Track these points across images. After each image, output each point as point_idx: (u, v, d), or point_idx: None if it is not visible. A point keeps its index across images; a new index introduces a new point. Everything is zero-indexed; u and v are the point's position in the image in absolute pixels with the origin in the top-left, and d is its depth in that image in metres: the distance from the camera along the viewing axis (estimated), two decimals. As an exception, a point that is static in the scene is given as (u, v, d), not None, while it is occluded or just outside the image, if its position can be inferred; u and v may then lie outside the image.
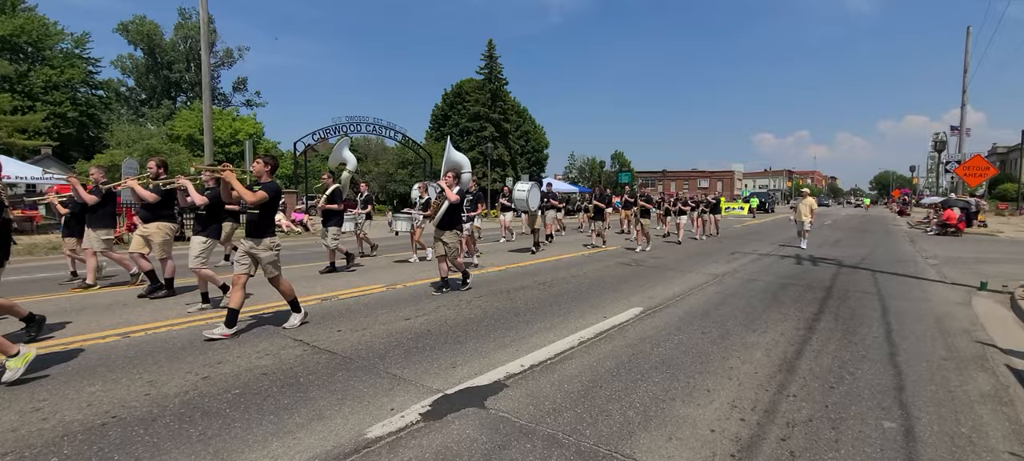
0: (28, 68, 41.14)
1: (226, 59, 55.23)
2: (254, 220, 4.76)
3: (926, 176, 69.87)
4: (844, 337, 4.93)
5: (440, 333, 4.84)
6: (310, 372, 3.72)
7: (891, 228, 23.75)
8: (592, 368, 3.93)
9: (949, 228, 19.32)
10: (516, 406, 3.20)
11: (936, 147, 44.11)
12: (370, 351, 4.24)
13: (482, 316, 5.56)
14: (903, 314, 5.96)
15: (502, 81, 45.67)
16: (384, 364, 3.93)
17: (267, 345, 4.34)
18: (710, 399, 3.38)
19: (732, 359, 4.22)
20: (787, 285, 7.76)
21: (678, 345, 4.57)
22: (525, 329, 5.03)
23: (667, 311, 5.93)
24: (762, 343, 4.69)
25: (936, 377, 3.88)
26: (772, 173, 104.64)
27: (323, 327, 4.99)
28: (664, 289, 7.29)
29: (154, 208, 6.43)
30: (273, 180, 4.90)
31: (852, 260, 10.92)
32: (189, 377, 3.57)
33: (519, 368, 3.88)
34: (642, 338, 4.78)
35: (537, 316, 5.57)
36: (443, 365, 3.93)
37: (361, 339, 4.59)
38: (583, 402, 3.28)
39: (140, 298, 6.18)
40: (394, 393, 3.36)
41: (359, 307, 5.96)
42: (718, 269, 9.36)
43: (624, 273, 8.82)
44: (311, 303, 6.05)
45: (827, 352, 4.45)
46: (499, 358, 4.12)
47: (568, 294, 6.89)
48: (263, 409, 3.08)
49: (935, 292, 7.51)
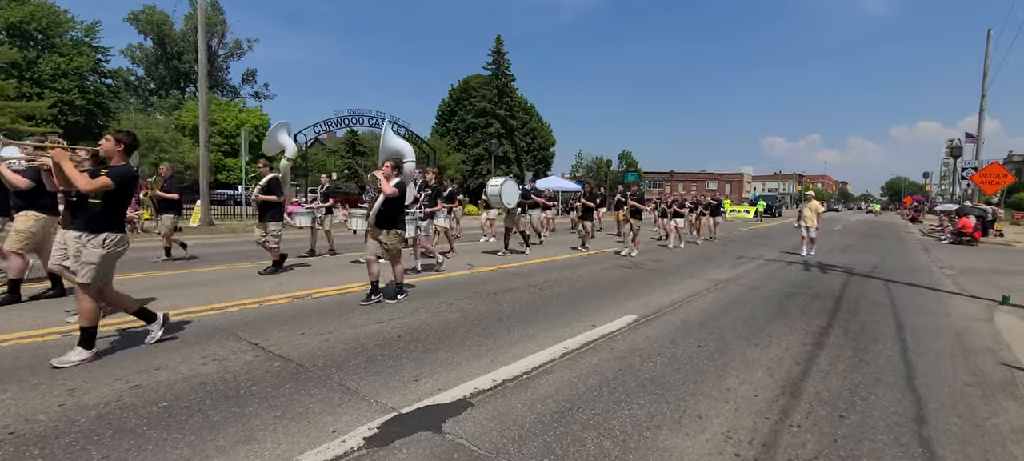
0: (37, 55, 41.28)
1: (235, 50, 55.18)
2: (94, 212, 3.70)
3: (939, 183, 68.64)
4: (855, 355, 4.48)
5: (412, 339, 4.44)
6: (255, 382, 3.34)
7: (903, 235, 23.08)
8: (571, 385, 3.52)
9: (964, 237, 18.66)
10: (477, 430, 2.80)
11: (951, 153, 43.15)
12: (329, 359, 3.85)
13: (462, 320, 5.16)
14: (920, 329, 5.50)
15: (509, 77, 45.22)
16: (341, 375, 3.54)
17: (218, 349, 3.97)
18: (701, 427, 2.96)
19: (730, 378, 3.79)
20: (793, 294, 7.30)
21: (671, 360, 4.14)
22: (506, 337, 4.63)
23: (663, 320, 5.50)
24: (764, 360, 4.25)
25: (960, 406, 3.44)
26: (782, 177, 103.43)
27: (287, 329, 4.62)
28: (661, 295, 6.85)
29: (28, 196, 5.37)
30: (127, 163, 3.91)
31: (863, 268, 10.41)
32: (116, 385, 3.20)
33: (490, 383, 3.48)
34: (632, 350, 4.36)
35: (521, 322, 5.16)
36: (406, 378, 3.53)
37: (323, 344, 4.20)
38: (555, 427, 2.87)
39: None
40: (342, 411, 2.98)
41: (333, 307, 5.58)
42: (721, 275, 8.90)
43: (621, 277, 8.39)
44: (282, 301, 5.69)
45: (836, 372, 4.01)
46: (470, 370, 3.72)
47: (558, 298, 6.47)
48: (186, 427, 2.70)
49: (953, 305, 7.01)
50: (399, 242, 5.96)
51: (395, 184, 5.86)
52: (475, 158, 42.00)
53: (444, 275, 7.97)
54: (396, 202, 5.92)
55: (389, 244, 5.87)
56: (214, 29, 52.92)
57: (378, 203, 5.85)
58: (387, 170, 5.94)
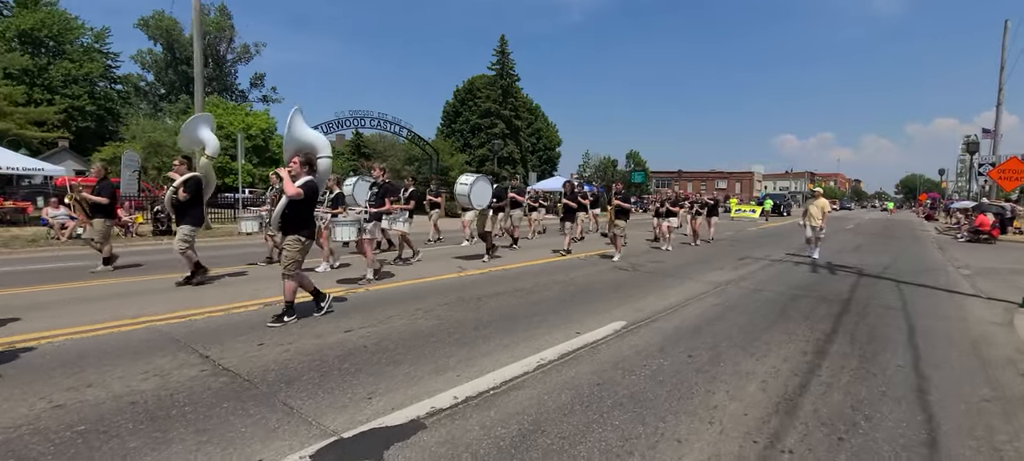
0: (48, 62, 41.79)
1: (243, 55, 55.55)
2: None
3: (956, 180, 67.05)
4: (861, 366, 4.10)
5: (377, 350, 4.14)
6: (192, 401, 3.06)
7: (918, 233, 22.39)
8: (540, 403, 3.19)
9: (982, 235, 18.00)
10: (424, 458, 2.48)
11: (968, 149, 42.01)
12: (281, 373, 3.56)
13: (436, 328, 4.85)
14: (933, 335, 5.08)
15: (514, 77, 44.92)
16: (289, 392, 3.24)
17: (164, 362, 3.70)
18: (679, 454, 2.62)
19: (718, 393, 3.44)
20: (798, 297, 6.89)
21: (655, 373, 3.80)
22: (481, 347, 4.31)
23: (653, 327, 5.15)
24: (759, 372, 3.89)
25: (978, 427, 3.05)
26: (793, 175, 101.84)
27: (247, 338, 4.34)
28: (656, 299, 6.49)
29: None
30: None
31: (874, 268, 9.94)
32: (37, 405, 2.93)
33: (449, 401, 3.16)
34: (615, 362, 4.02)
35: (500, 330, 4.84)
36: (359, 395, 3.23)
37: (280, 356, 3.91)
38: (513, 455, 2.55)
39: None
40: (276, 435, 2.68)
41: (301, 315, 5.29)
42: (722, 277, 8.50)
43: (616, 279, 8.03)
44: (252, 309, 5.42)
45: (839, 386, 3.64)
46: (431, 386, 3.41)
47: (546, 303, 6.14)
48: (95, 457, 2.41)
49: (970, 308, 6.57)
50: (298, 252, 5.01)
51: (302, 184, 4.98)
52: (480, 159, 41.74)
53: (431, 279, 7.67)
54: (302, 205, 5.06)
55: (288, 253, 5.00)
56: (222, 34, 53.36)
57: (281, 204, 5.07)
58: (295, 167, 5.08)
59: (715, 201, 15.82)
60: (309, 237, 5.12)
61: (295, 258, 5.00)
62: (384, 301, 6.00)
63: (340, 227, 6.97)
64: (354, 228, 7.04)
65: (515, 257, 10.43)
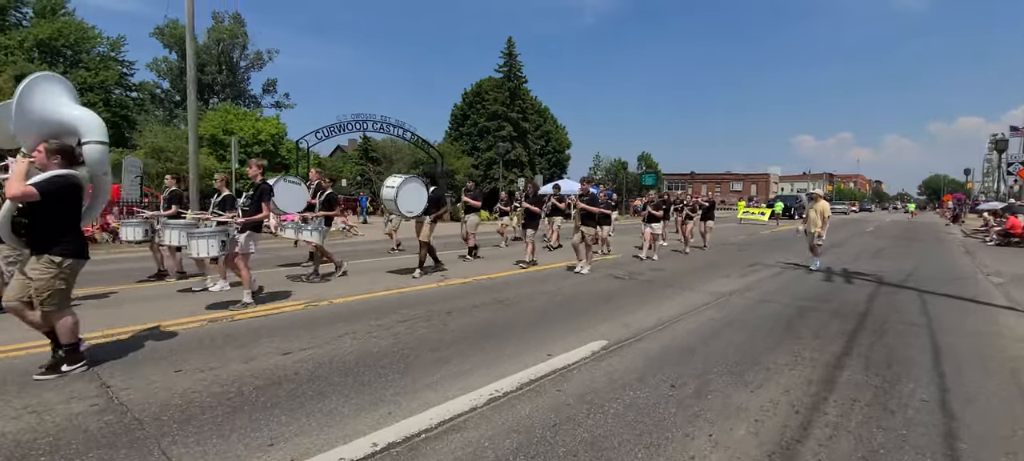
0: (65, 71, 42.55)
1: (256, 61, 56.02)
2: None
3: (982, 180, 64.63)
4: (876, 399, 3.45)
5: (310, 378, 3.61)
6: (57, 449, 2.56)
7: (942, 237, 21.26)
8: (476, 452, 2.62)
9: (1013, 238, 16.90)
10: (299, 538, 1.93)
11: (996, 147, 40.35)
12: (182, 409, 3.04)
13: (389, 350, 4.30)
14: (963, 360, 4.39)
15: (521, 79, 44.45)
16: (177, 436, 2.72)
17: (52, 394, 3.20)
18: (632, 533, 2.03)
19: (699, 438, 2.84)
20: (807, 310, 6.21)
21: (627, 409, 3.20)
22: (430, 375, 3.75)
23: (637, 347, 4.54)
24: (753, 408, 3.27)
25: (1025, 491, 2.40)
26: (811, 176, 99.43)
27: (164, 364, 3.83)
28: (648, 313, 5.87)
29: None
30: None
31: (895, 276, 9.15)
32: None
33: (367, 449, 2.61)
34: (583, 393, 3.43)
35: (461, 353, 4.28)
36: (258, 441, 2.69)
37: (193, 386, 3.40)
38: (416, 532, 1.99)
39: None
40: (128, 500, 2.15)
41: (247, 333, 4.79)
42: (726, 286, 7.82)
43: (609, 289, 7.41)
44: (192, 325, 4.94)
45: (848, 429, 3.00)
46: (353, 427, 2.86)
47: (523, 318, 5.57)
48: None
49: (1005, 323, 5.82)
50: (54, 277, 3.46)
51: (46, 179, 3.39)
52: (487, 162, 41.28)
53: (409, 289, 7.14)
54: (50, 209, 3.43)
55: (35, 279, 3.43)
56: (235, 41, 53.84)
57: (5, 208, 3.65)
58: (39, 156, 3.49)
59: (711, 203, 14.46)
60: (73, 255, 3.55)
61: (52, 288, 3.45)
62: (343, 316, 5.48)
63: (198, 240, 5.64)
64: (216, 240, 5.65)
65: (521, 265, 9.85)
